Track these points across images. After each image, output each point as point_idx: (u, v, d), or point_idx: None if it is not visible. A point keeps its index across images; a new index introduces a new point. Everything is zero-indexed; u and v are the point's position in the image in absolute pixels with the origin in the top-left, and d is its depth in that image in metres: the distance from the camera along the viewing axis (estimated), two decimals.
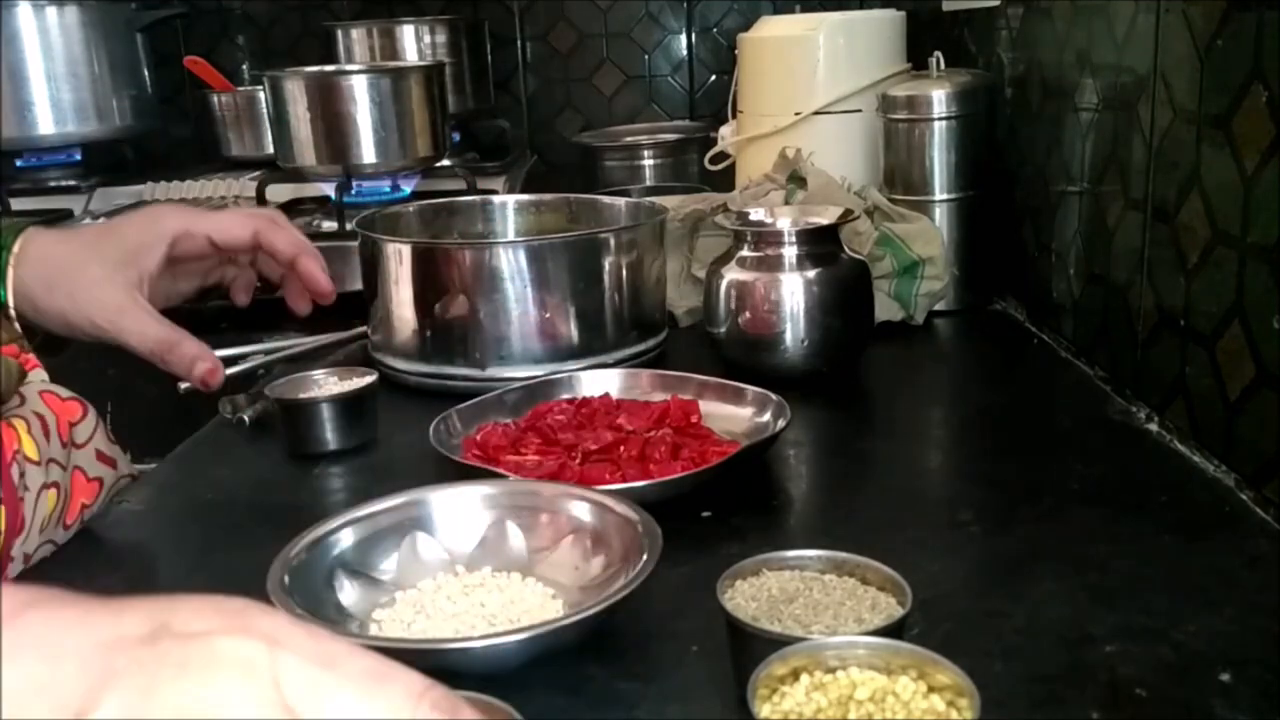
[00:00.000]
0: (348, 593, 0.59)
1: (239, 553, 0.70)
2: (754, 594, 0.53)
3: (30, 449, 0.65)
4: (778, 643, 0.48)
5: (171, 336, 0.78)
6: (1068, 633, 0.56)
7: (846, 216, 0.97)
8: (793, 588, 0.53)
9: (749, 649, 0.50)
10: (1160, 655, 0.53)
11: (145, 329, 0.77)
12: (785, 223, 0.98)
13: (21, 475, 0.64)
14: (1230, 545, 0.64)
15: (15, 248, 0.74)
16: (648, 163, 1.80)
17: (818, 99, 1.26)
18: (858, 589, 0.52)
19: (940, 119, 1.11)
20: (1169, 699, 0.50)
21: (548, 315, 0.98)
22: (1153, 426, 0.81)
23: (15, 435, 0.65)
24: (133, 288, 0.77)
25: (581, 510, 0.63)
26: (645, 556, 0.56)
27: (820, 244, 0.95)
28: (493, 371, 0.97)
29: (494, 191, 1.47)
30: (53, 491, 0.66)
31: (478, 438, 0.81)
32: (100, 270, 0.76)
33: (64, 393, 0.71)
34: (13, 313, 0.74)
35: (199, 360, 0.79)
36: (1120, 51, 0.87)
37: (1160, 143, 0.80)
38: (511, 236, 1.15)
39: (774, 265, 0.95)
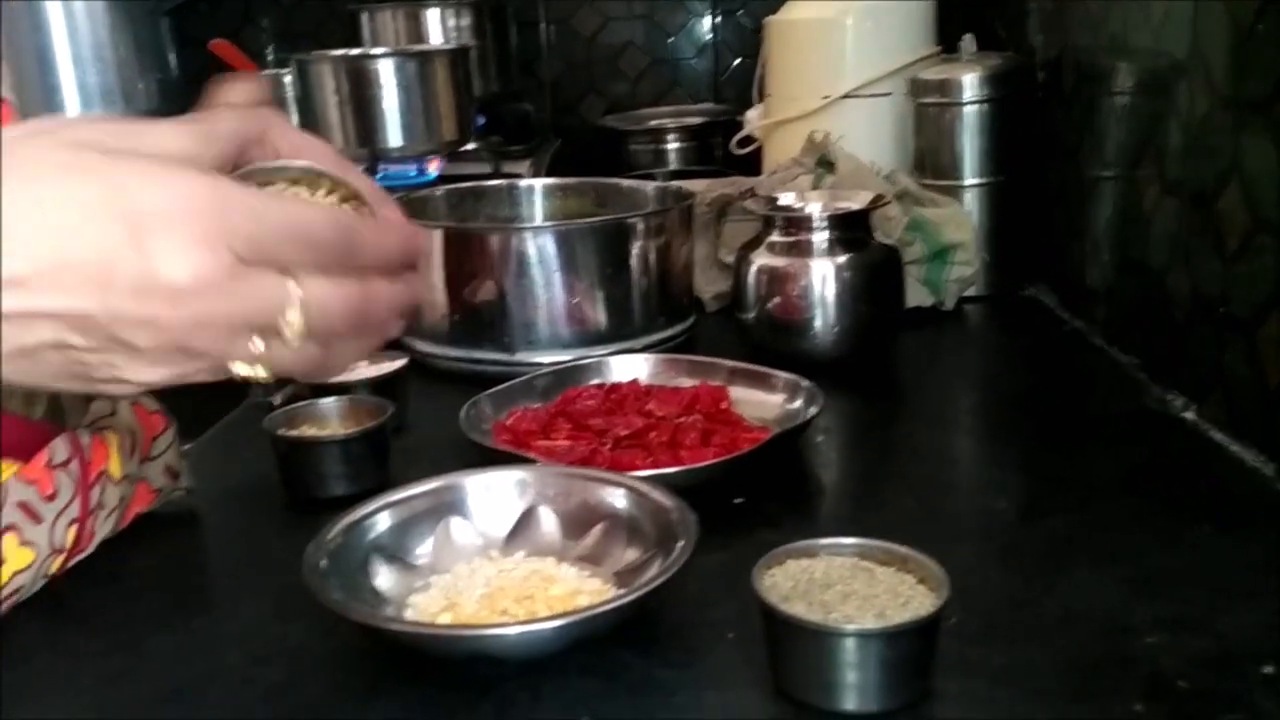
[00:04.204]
0: (383, 577, 0.59)
1: (274, 536, 0.71)
2: (791, 580, 0.53)
3: (116, 467, 0.65)
4: (812, 629, 0.48)
5: None
6: (1107, 623, 0.55)
7: (877, 202, 0.96)
8: (833, 575, 0.53)
9: (783, 636, 0.50)
10: (1201, 647, 0.53)
11: None
12: (815, 208, 0.97)
13: (101, 493, 0.64)
14: (1270, 536, 0.63)
15: None
16: (672, 146, 1.79)
17: (846, 82, 1.25)
18: (898, 581, 0.52)
19: (972, 103, 1.10)
20: (1211, 691, 0.49)
21: (576, 300, 0.98)
22: (1189, 415, 0.80)
23: (106, 452, 0.64)
24: None
25: (616, 497, 0.63)
26: (681, 544, 0.56)
27: (851, 229, 0.94)
28: (521, 356, 0.97)
29: (518, 175, 1.47)
30: (118, 508, 0.66)
31: (508, 423, 0.81)
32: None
33: (151, 404, 0.70)
34: None
35: None
36: (1157, 36, 0.85)
37: (1198, 128, 0.79)
38: (539, 221, 1.15)
39: (804, 250, 0.94)
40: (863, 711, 0.49)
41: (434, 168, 1.49)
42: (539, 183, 1.17)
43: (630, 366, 0.89)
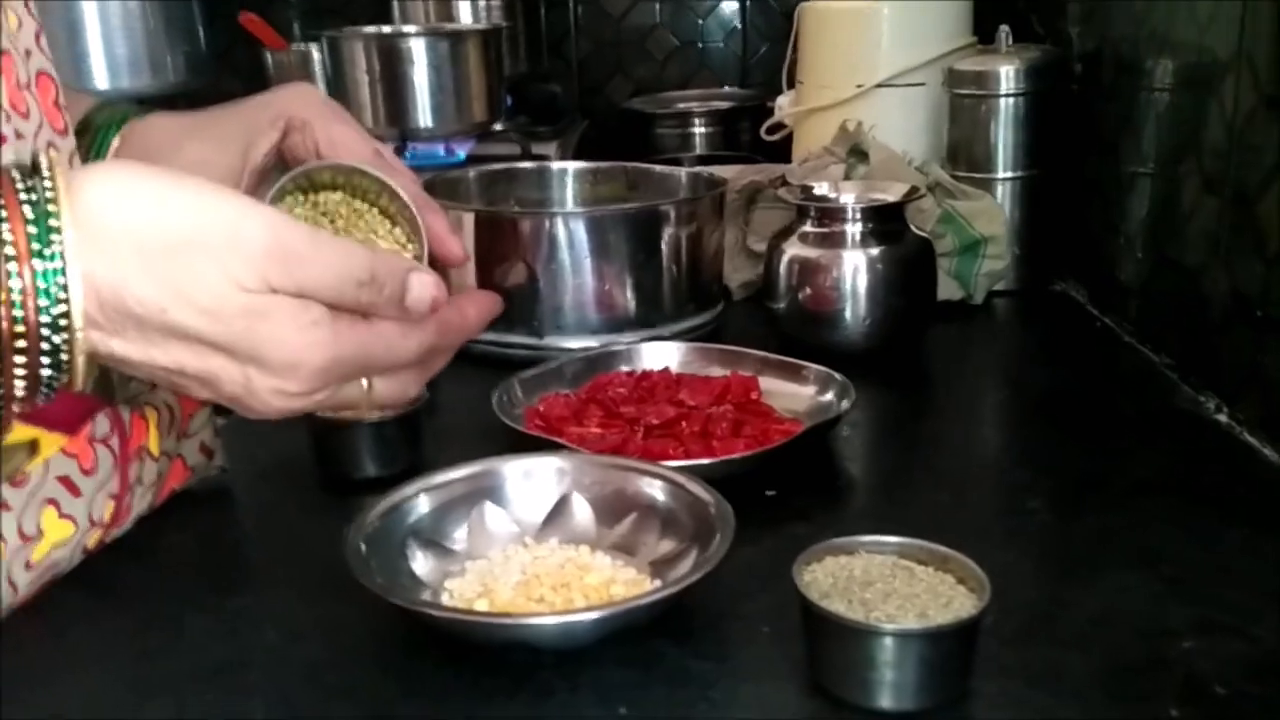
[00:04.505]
0: (420, 562, 0.60)
1: (308, 516, 0.71)
2: (831, 577, 0.53)
3: (154, 444, 0.65)
4: (853, 627, 0.48)
5: None
6: (1142, 625, 0.55)
7: (912, 194, 0.96)
8: (873, 573, 0.53)
9: (822, 632, 0.50)
10: (1238, 651, 0.53)
11: None
12: (849, 198, 0.97)
13: (140, 469, 0.64)
14: None
15: (116, 141, 0.66)
16: (699, 130, 1.78)
17: (880, 71, 1.24)
18: (938, 581, 0.52)
19: (1008, 95, 1.09)
20: (1249, 696, 0.49)
21: (606, 285, 0.98)
22: (1222, 417, 0.80)
23: (145, 428, 0.64)
24: (232, 179, 0.64)
25: (652, 487, 0.63)
26: (719, 538, 0.56)
27: (885, 221, 0.94)
28: (550, 340, 0.98)
29: (546, 156, 1.47)
30: (155, 484, 0.66)
31: (540, 408, 0.81)
32: (198, 152, 0.65)
33: None
34: None
35: None
36: (1202, 32, 0.85)
37: (1242, 127, 0.78)
38: (570, 205, 1.15)
39: (837, 242, 0.94)
40: (900, 710, 0.49)
41: (462, 148, 1.49)
42: (571, 166, 1.17)
43: (661, 354, 0.89)
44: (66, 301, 0.41)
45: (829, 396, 0.81)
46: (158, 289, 0.42)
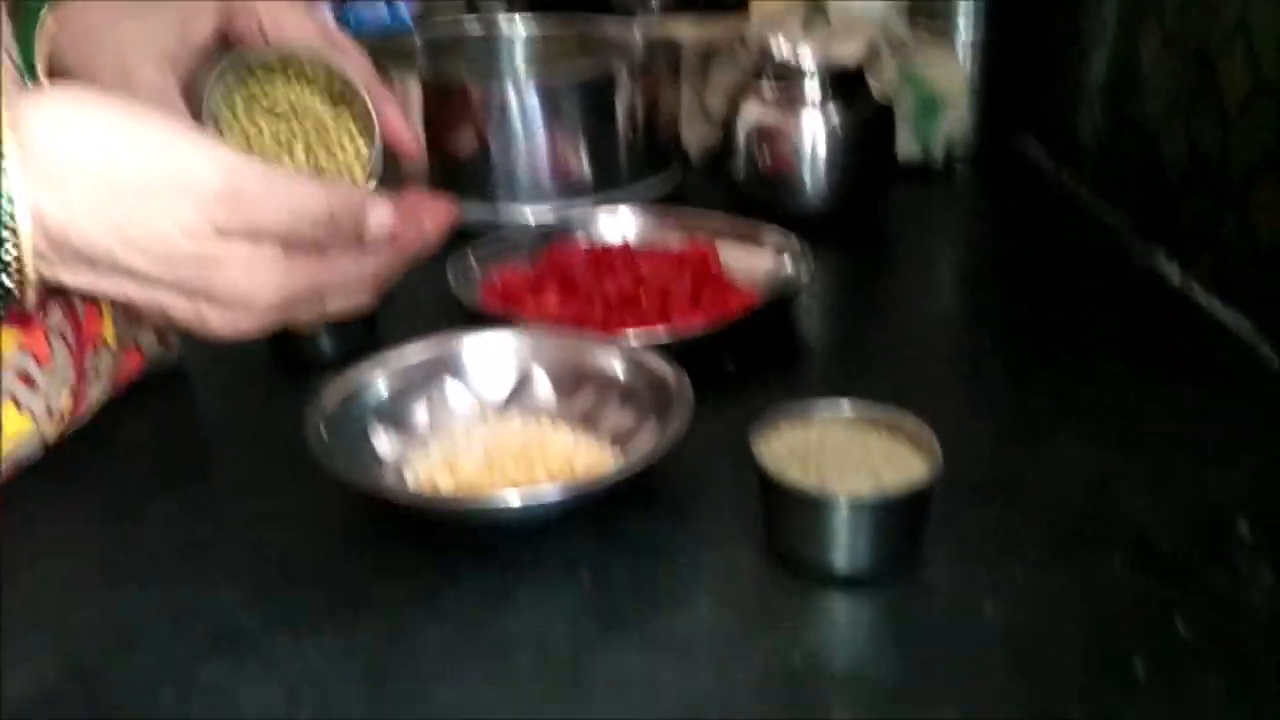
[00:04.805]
0: (382, 441, 0.60)
1: (266, 398, 0.71)
2: (787, 446, 0.54)
3: (109, 333, 0.64)
4: (808, 497, 0.49)
5: None
6: (1090, 484, 0.57)
7: (872, 53, 0.94)
8: (828, 440, 0.53)
9: (779, 501, 0.51)
10: (1181, 507, 0.55)
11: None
12: (808, 59, 0.95)
13: (95, 359, 0.63)
14: (1251, 398, 0.64)
15: (50, 21, 0.62)
16: None
17: None
18: (892, 445, 0.53)
19: None
20: (1190, 550, 0.51)
21: (560, 152, 0.97)
22: (1177, 276, 0.81)
23: (100, 320, 0.63)
24: (166, 64, 0.60)
25: (612, 361, 0.63)
26: (680, 411, 0.56)
27: (845, 82, 0.92)
28: (505, 208, 0.96)
29: (494, 8, 1.42)
30: (112, 373, 0.65)
31: (496, 282, 0.80)
32: (135, 31, 0.61)
33: None
34: None
35: None
36: None
37: None
38: (521, 71, 1.11)
39: (796, 103, 0.92)
40: (854, 572, 0.50)
41: (406, 8, 1.43)
42: (521, 30, 1.13)
43: (618, 221, 0.88)
44: (16, 234, 0.40)
45: (787, 265, 0.80)
46: (106, 232, 0.41)
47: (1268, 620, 0.47)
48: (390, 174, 0.64)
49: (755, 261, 0.83)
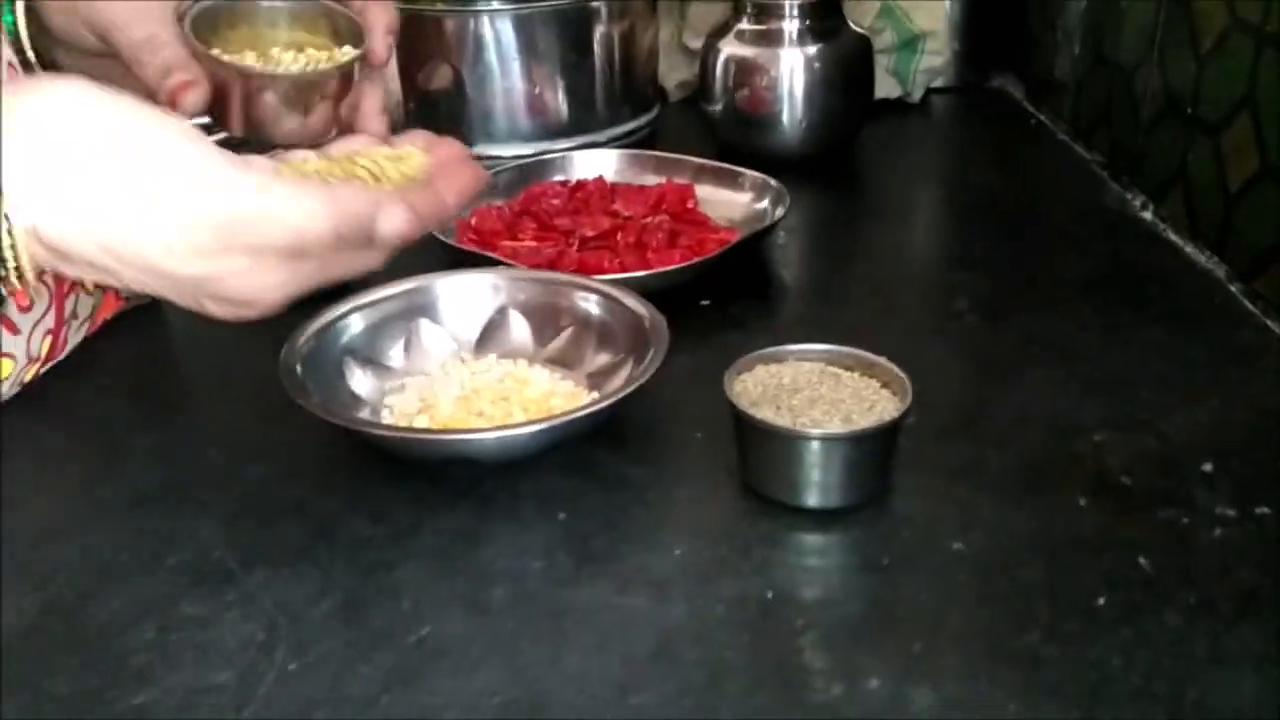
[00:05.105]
0: (358, 380, 0.60)
1: (242, 335, 0.70)
2: (760, 385, 0.54)
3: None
4: (780, 433, 0.50)
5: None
6: (1057, 423, 0.58)
7: None
8: (801, 380, 0.54)
9: (752, 438, 0.52)
10: (1145, 445, 0.56)
11: (170, 62, 0.56)
12: None
13: (75, 303, 0.62)
14: (1218, 338, 0.65)
15: None
16: None
17: None
18: (863, 385, 0.54)
19: None
20: (1153, 488, 0.52)
21: (537, 89, 0.96)
22: (1148, 215, 0.82)
23: None
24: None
25: (587, 301, 0.63)
26: (653, 350, 0.57)
27: (823, 18, 0.91)
28: (481, 149, 0.96)
29: None
30: (90, 315, 0.65)
31: (472, 221, 0.80)
32: None
33: None
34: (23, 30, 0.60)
35: (175, 70, 0.56)
36: None
37: None
38: (497, 3, 1.09)
39: (774, 39, 0.92)
40: (825, 507, 0.51)
41: None
42: None
43: (595, 162, 0.88)
44: (15, 250, 0.39)
45: (764, 204, 0.81)
46: (103, 250, 0.40)
47: (1229, 556, 0.48)
48: None
49: (733, 200, 0.83)
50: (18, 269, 0.39)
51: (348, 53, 0.59)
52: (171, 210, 0.39)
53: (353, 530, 0.52)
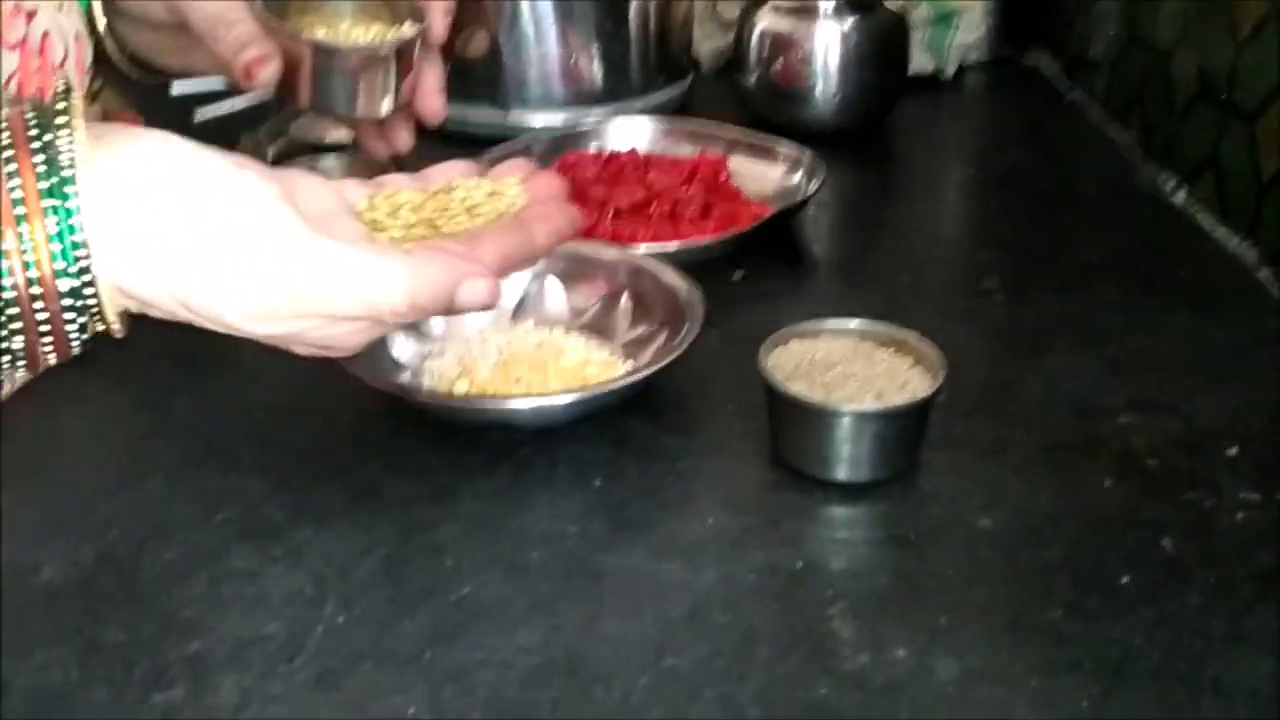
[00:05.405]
0: (399, 345, 0.61)
1: None
2: (795, 360, 0.55)
3: None
4: (813, 408, 0.51)
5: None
6: (1084, 403, 0.59)
7: None
8: (835, 356, 0.55)
9: (785, 413, 0.53)
10: (1171, 428, 0.57)
11: (244, 37, 0.57)
12: None
13: None
14: (1245, 323, 0.66)
15: None
16: None
17: None
18: (896, 362, 0.55)
19: None
20: (1177, 470, 0.53)
21: (572, 56, 0.96)
22: (1179, 198, 0.82)
23: None
24: None
25: (624, 272, 0.64)
26: (689, 324, 0.58)
27: None
28: (515, 116, 0.96)
29: None
30: None
31: None
32: None
33: None
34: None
35: (250, 45, 0.57)
36: None
37: None
38: None
39: (810, 13, 0.92)
40: (855, 481, 0.52)
41: None
42: None
43: (629, 132, 0.89)
44: (98, 305, 0.39)
45: (798, 177, 0.81)
46: (181, 306, 0.40)
47: (1251, 539, 0.49)
48: None
49: (766, 173, 0.83)
50: (100, 315, 0.39)
51: (411, 28, 0.61)
52: (247, 276, 0.39)
53: (393, 491, 0.54)
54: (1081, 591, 0.47)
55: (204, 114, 0.88)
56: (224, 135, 0.91)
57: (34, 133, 0.38)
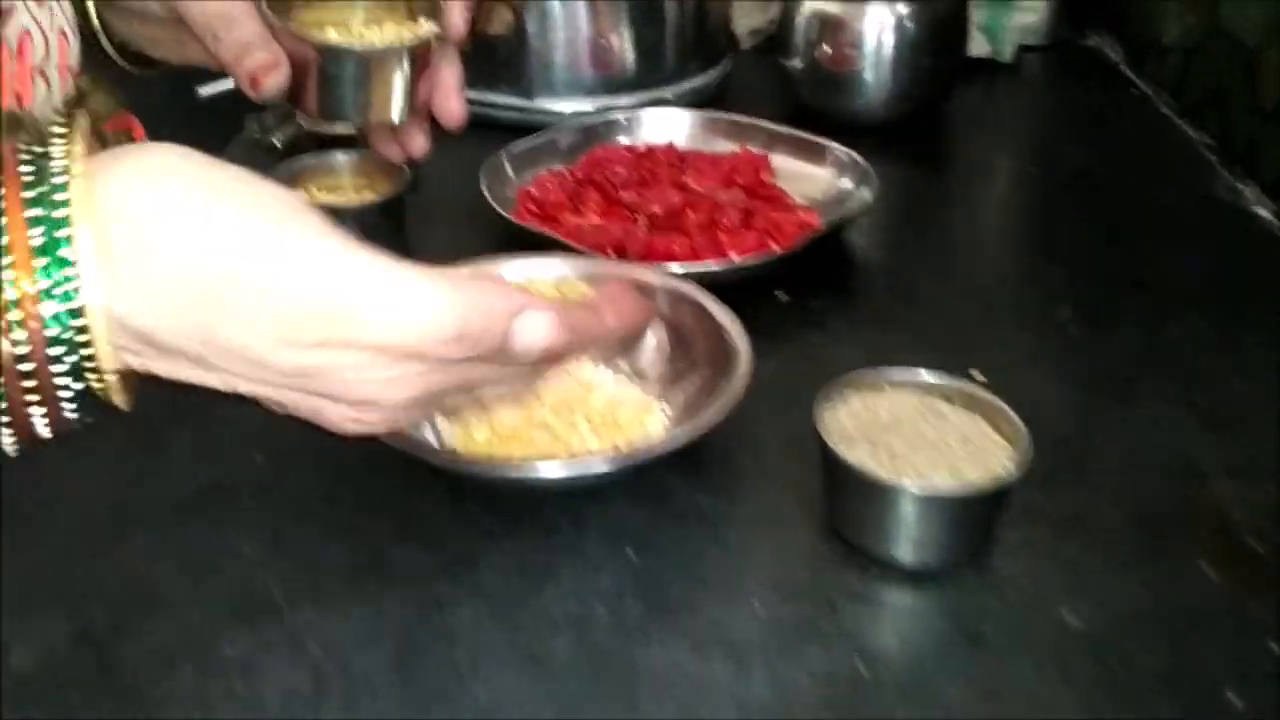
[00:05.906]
0: None
1: None
2: (854, 418, 0.49)
3: None
4: (872, 480, 0.45)
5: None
6: (1174, 466, 0.53)
7: None
8: (900, 414, 0.49)
9: (845, 483, 0.47)
10: (1275, 497, 0.50)
11: (248, 39, 0.52)
12: None
13: None
14: None
15: None
16: None
17: None
18: (969, 424, 0.49)
19: None
20: None
21: (602, 38, 0.89)
22: (1262, 210, 0.75)
23: None
24: None
25: (662, 300, 0.58)
26: (737, 370, 0.52)
27: None
28: (541, 102, 0.90)
29: None
30: None
31: (533, 190, 0.74)
32: None
33: None
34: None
35: (255, 48, 0.52)
36: None
37: None
38: None
39: None
40: (922, 566, 0.47)
41: None
42: None
43: (663, 125, 0.82)
44: (88, 339, 0.33)
45: (846, 181, 0.75)
46: (194, 339, 0.34)
47: None
48: None
49: (813, 173, 0.77)
50: (92, 354, 0.33)
51: (427, 27, 0.55)
52: (275, 294, 0.33)
53: (403, 559, 0.48)
54: (1182, 707, 0.41)
55: (208, 90, 0.82)
56: (227, 117, 0.86)
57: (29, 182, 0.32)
